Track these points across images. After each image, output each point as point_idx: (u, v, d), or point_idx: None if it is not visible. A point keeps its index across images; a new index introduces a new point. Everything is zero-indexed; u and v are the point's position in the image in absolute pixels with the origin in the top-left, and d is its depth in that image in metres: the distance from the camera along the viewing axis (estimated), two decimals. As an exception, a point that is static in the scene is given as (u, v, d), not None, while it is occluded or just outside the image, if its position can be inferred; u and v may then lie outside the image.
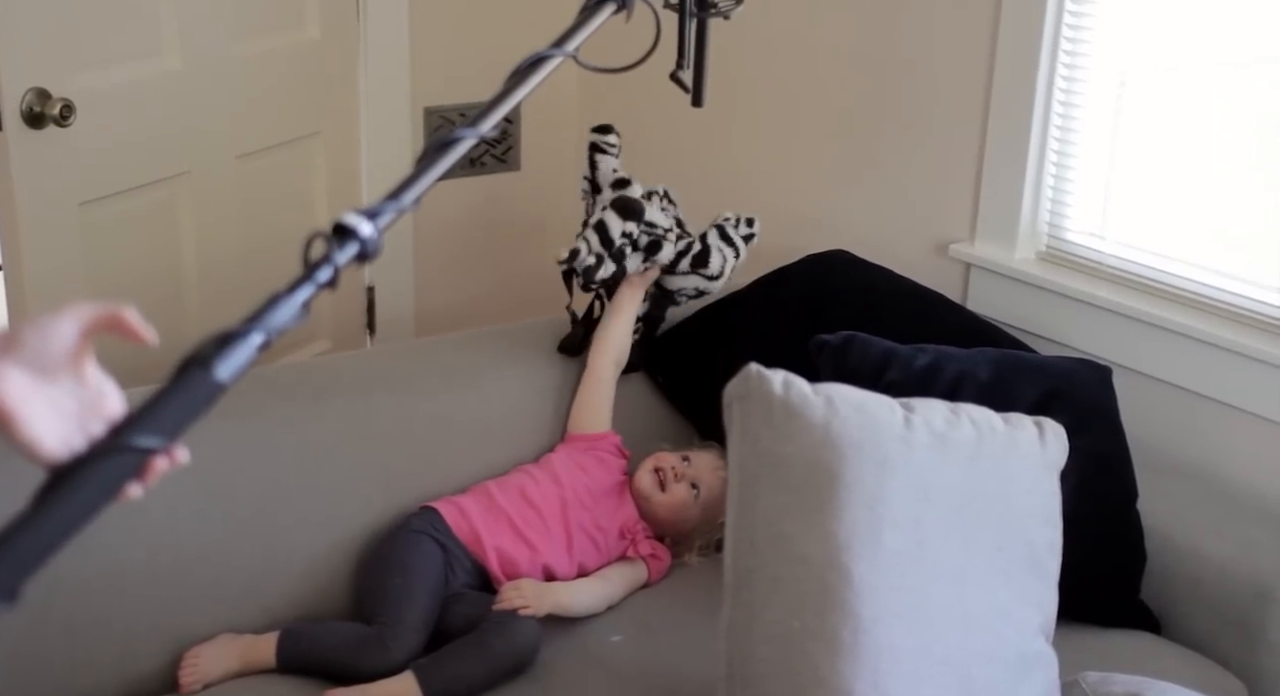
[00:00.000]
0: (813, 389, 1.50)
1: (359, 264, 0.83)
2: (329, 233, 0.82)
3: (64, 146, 2.21)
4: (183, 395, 0.76)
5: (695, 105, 1.35)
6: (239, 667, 1.84)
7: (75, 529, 0.73)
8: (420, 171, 0.90)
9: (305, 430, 2.03)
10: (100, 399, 0.80)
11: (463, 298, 3.08)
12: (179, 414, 0.76)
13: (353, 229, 0.82)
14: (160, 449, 0.76)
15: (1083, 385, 2.08)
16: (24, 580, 0.71)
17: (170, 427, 0.76)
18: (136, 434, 0.75)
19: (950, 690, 1.46)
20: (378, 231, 0.83)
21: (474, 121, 0.95)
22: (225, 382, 0.77)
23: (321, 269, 0.81)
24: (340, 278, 0.82)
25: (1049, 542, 1.61)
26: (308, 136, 2.74)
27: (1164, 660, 1.93)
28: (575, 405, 2.23)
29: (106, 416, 0.79)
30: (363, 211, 0.83)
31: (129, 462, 0.75)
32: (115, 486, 0.75)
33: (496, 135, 3.04)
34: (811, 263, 2.42)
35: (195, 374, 0.76)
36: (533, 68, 1.00)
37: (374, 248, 0.83)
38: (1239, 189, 2.18)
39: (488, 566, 1.99)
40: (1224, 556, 2.00)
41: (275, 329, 0.79)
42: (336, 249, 0.82)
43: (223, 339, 0.77)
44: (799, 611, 1.44)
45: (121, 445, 0.75)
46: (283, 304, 0.80)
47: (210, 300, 2.55)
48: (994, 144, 2.39)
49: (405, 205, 0.87)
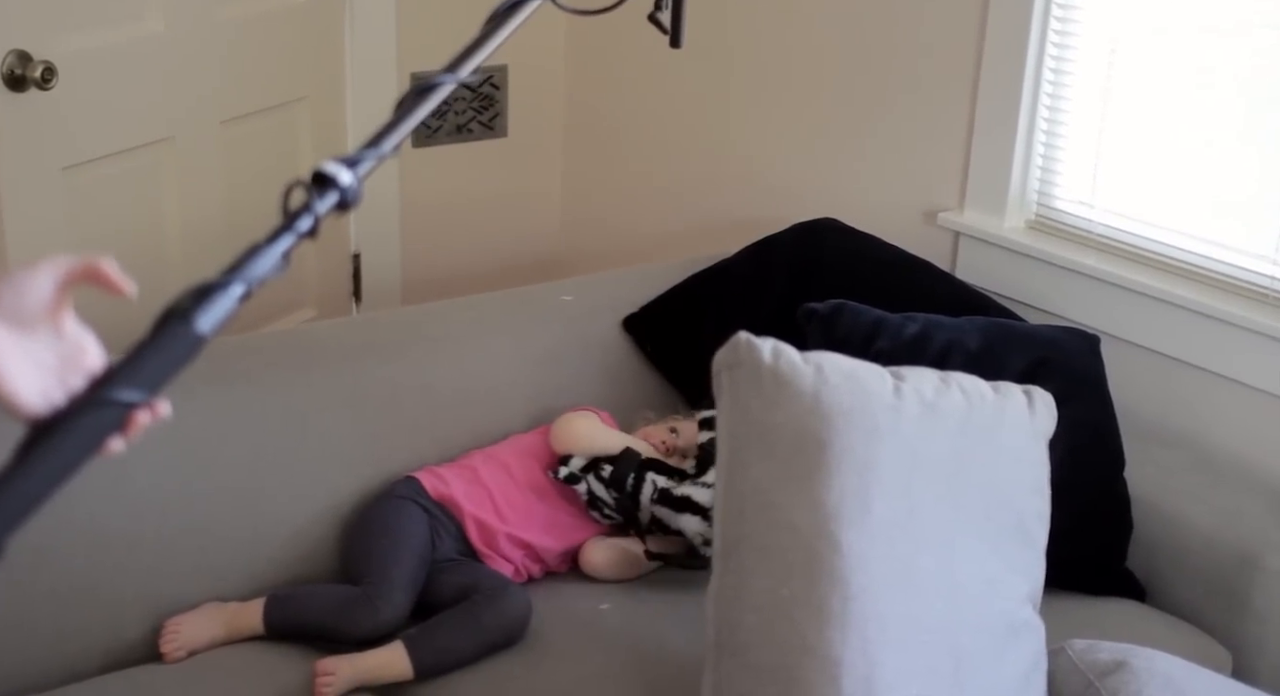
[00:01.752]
0: (802, 357, 1.49)
1: (339, 212, 0.82)
2: (308, 182, 0.81)
3: (46, 110, 2.19)
4: (163, 348, 0.75)
5: (673, 46, 1.34)
6: (225, 635, 1.83)
7: (58, 483, 0.72)
8: (399, 118, 0.89)
9: (291, 397, 2.02)
10: (79, 352, 0.79)
11: (449, 265, 3.06)
12: (160, 367, 0.75)
13: (332, 177, 0.81)
14: (142, 402, 0.75)
15: (1071, 354, 2.08)
16: (7, 535, 0.70)
17: (151, 381, 0.75)
18: (117, 387, 0.74)
19: (938, 658, 1.47)
20: (357, 179, 0.82)
21: (452, 67, 0.94)
22: (206, 334, 0.76)
23: (301, 218, 0.80)
24: (320, 227, 0.81)
25: (1037, 511, 1.61)
26: (293, 102, 2.71)
27: (1150, 628, 1.94)
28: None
29: (86, 370, 0.78)
30: (342, 159, 0.82)
31: (110, 416, 0.74)
32: (97, 440, 0.74)
33: (483, 102, 3.02)
34: (800, 231, 2.41)
35: (175, 326, 0.75)
36: (510, 11, 0.99)
37: (354, 196, 0.82)
38: (1229, 156, 2.18)
39: (468, 535, 1.99)
40: (1210, 525, 2.00)
41: (255, 279, 0.78)
42: (316, 198, 0.81)
43: (202, 290, 0.76)
44: (787, 579, 1.44)
45: (102, 399, 0.74)
46: (263, 254, 0.79)
47: (195, 267, 2.51)
48: (984, 111, 2.38)
49: (385, 152, 0.86)
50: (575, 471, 2.00)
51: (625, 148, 3.05)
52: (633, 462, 1.95)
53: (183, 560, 1.87)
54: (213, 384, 1.93)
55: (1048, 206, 2.37)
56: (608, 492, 1.97)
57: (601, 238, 3.14)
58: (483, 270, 3.07)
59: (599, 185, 3.13)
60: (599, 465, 1.97)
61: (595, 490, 1.98)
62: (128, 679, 1.77)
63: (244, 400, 1.98)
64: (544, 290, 2.45)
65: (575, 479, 1.99)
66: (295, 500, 1.98)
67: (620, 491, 1.95)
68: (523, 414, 2.20)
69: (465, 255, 3.09)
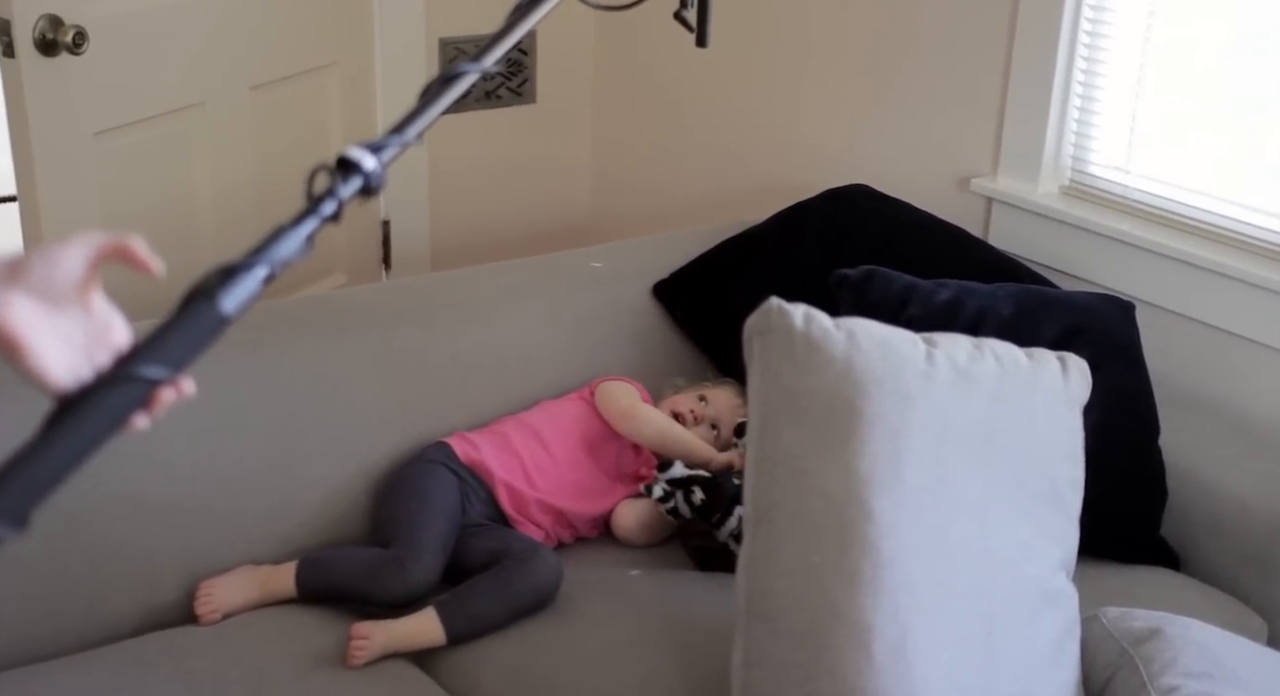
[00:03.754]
0: (834, 323, 1.48)
1: (363, 198, 0.83)
2: (333, 166, 0.82)
3: (77, 75, 2.19)
4: (188, 327, 0.76)
5: (699, 45, 1.34)
6: (259, 597, 1.85)
7: (83, 458, 0.73)
8: (424, 106, 0.90)
9: (322, 362, 2.03)
10: (107, 330, 0.80)
11: (478, 231, 3.06)
12: (185, 345, 0.76)
13: (356, 163, 0.82)
14: (167, 379, 0.75)
15: (1106, 320, 2.06)
16: (32, 507, 0.71)
17: (176, 359, 0.76)
18: (143, 364, 0.75)
19: (970, 624, 1.46)
20: (381, 165, 0.83)
21: (478, 57, 0.95)
22: (230, 315, 0.77)
23: (325, 202, 0.81)
24: (344, 211, 0.81)
25: (1071, 478, 1.60)
26: (322, 68, 2.71)
27: (1184, 596, 1.93)
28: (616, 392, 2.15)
29: (113, 347, 0.79)
30: (366, 145, 0.83)
31: (135, 393, 0.75)
32: (122, 416, 0.75)
33: (511, 68, 3.01)
34: (831, 197, 2.40)
35: (201, 306, 0.76)
36: (536, 2, 1.00)
37: (378, 182, 0.82)
38: (1267, 120, 2.14)
39: (498, 501, 2.00)
40: (1245, 492, 1.99)
41: (280, 262, 0.78)
42: (340, 182, 0.81)
43: (227, 271, 0.77)
44: (819, 546, 1.43)
45: (128, 375, 0.74)
46: (287, 237, 0.80)
47: (224, 232, 2.54)
48: (1018, 75, 2.35)
49: (409, 139, 0.87)
50: (667, 489, 1.98)
51: (655, 114, 3.04)
52: (725, 497, 1.94)
53: (216, 524, 1.89)
54: (245, 349, 1.93)
55: (1082, 172, 2.35)
56: (691, 512, 1.96)
57: (631, 204, 3.13)
58: (512, 237, 3.07)
59: (629, 151, 3.12)
60: (691, 487, 1.96)
61: (681, 509, 1.97)
62: (163, 640, 1.79)
63: (275, 366, 1.99)
64: (574, 257, 2.45)
65: (666, 497, 1.97)
66: (326, 464, 1.99)
67: (707, 521, 1.95)
68: (552, 380, 2.20)
69: (494, 222, 3.09)
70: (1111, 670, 1.55)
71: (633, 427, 2.08)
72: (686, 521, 1.98)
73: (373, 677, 1.73)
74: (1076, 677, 1.55)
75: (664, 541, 2.06)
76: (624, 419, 2.09)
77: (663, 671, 1.72)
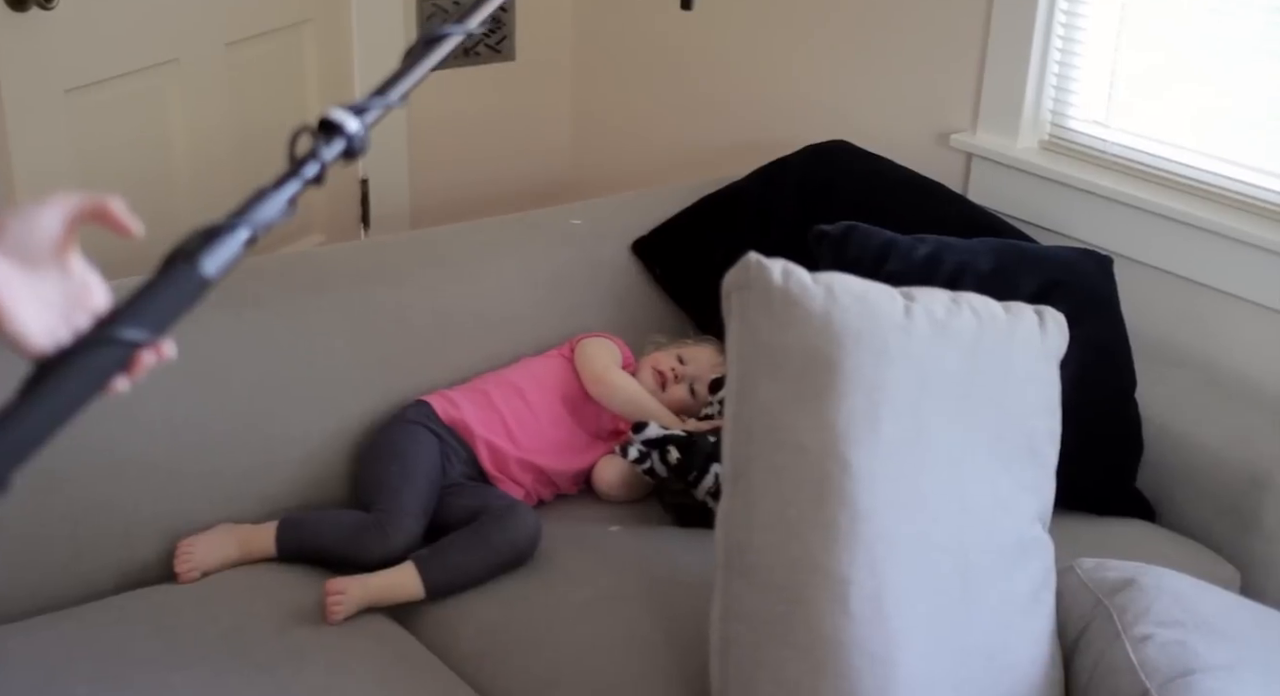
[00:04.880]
0: (812, 278, 1.48)
1: (346, 161, 0.82)
2: (315, 128, 0.81)
3: (48, 30, 2.16)
4: (169, 289, 0.75)
5: (684, 8, 1.34)
6: (238, 556, 1.85)
7: (63, 420, 0.72)
8: (407, 68, 0.89)
9: (302, 320, 2.02)
10: (85, 291, 0.79)
11: (458, 189, 3.05)
12: (165, 308, 0.75)
13: (339, 125, 0.81)
14: (147, 342, 0.75)
15: (1084, 275, 2.07)
16: (12, 470, 0.70)
17: (157, 321, 0.75)
18: (123, 327, 0.74)
19: (947, 576, 1.47)
20: (364, 128, 0.82)
21: (461, 18, 0.94)
22: (211, 277, 0.76)
23: (308, 165, 0.80)
24: (327, 174, 0.81)
25: (1048, 431, 1.61)
26: (299, 24, 2.68)
27: (1159, 547, 1.95)
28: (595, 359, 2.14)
29: (92, 309, 0.78)
30: (349, 106, 0.82)
31: (116, 355, 0.74)
32: (102, 379, 0.74)
33: (490, 25, 2.98)
34: (811, 153, 2.39)
35: (181, 268, 0.75)
36: None
37: (360, 144, 0.82)
38: (1245, 74, 2.14)
39: (479, 459, 2.00)
40: (1220, 444, 2.00)
41: (261, 224, 0.78)
42: (323, 145, 0.81)
43: (208, 233, 0.76)
44: (796, 500, 1.44)
45: (108, 337, 0.74)
46: (269, 199, 0.79)
47: (201, 190, 2.52)
48: (998, 30, 2.34)
49: (392, 101, 0.86)
50: (642, 450, 1.98)
51: (635, 70, 3.02)
52: (700, 455, 1.94)
53: (195, 482, 1.88)
54: (223, 308, 1.91)
55: (1061, 126, 2.34)
56: (667, 472, 1.97)
57: (611, 161, 3.11)
58: (491, 194, 3.05)
59: (608, 108, 3.10)
60: (667, 447, 1.96)
61: (657, 468, 1.97)
62: (142, 598, 1.79)
63: (254, 324, 1.98)
64: (553, 214, 2.44)
65: (642, 458, 1.98)
66: (306, 423, 1.98)
67: (683, 480, 1.95)
68: (532, 337, 2.19)
69: (474, 179, 3.07)
70: (1086, 620, 1.56)
71: (602, 392, 2.09)
72: (663, 480, 1.99)
73: (354, 634, 1.74)
74: (1052, 628, 1.57)
75: (644, 497, 2.07)
76: (595, 383, 2.09)
77: (642, 626, 1.73)
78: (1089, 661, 1.54)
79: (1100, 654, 1.52)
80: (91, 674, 1.63)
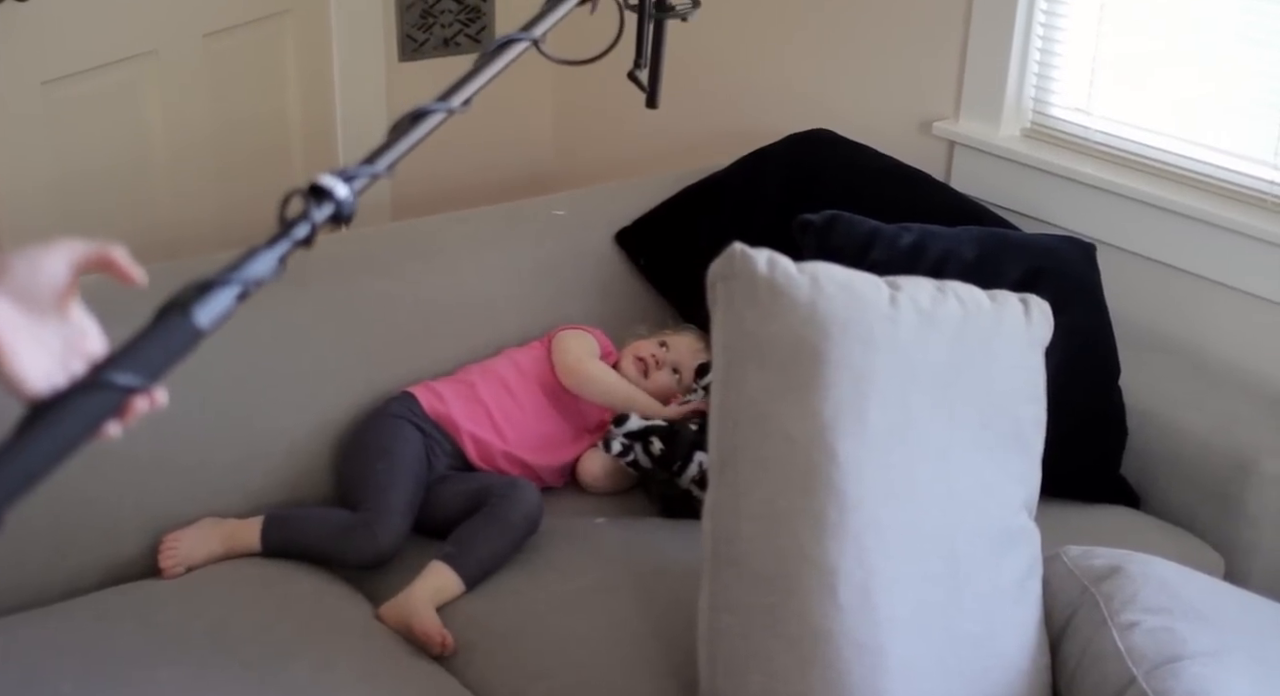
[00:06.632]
0: (798, 268, 1.48)
1: (334, 226, 0.87)
2: (305, 191, 0.85)
3: (24, 21, 2.14)
4: (163, 338, 0.78)
5: (650, 106, 1.41)
6: (222, 551, 1.84)
7: (55, 462, 0.74)
8: (393, 140, 0.96)
9: (285, 313, 2.01)
10: (83, 338, 0.81)
11: (440, 180, 3.03)
12: (159, 356, 0.77)
13: (329, 190, 0.86)
14: (140, 388, 0.77)
15: (1067, 262, 2.07)
16: (4, 510, 0.72)
17: (150, 368, 0.77)
18: (117, 372, 0.76)
19: (934, 565, 1.47)
20: (353, 194, 0.87)
21: (445, 96, 1.03)
22: (204, 328, 0.79)
23: (298, 226, 0.84)
24: (317, 236, 0.85)
25: (1033, 419, 1.61)
26: (277, 15, 2.66)
27: (1144, 534, 1.95)
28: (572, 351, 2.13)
29: (87, 355, 0.80)
30: (339, 173, 0.88)
31: (109, 400, 0.76)
32: (95, 422, 0.76)
33: (470, 15, 2.97)
34: (793, 142, 2.39)
35: (175, 318, 0.78)
36: (501, 50, 1.09)
37: (349, 209, 0.87)
38: (1227, 61, 2.15)
39: (464, 451, 1.99)
40: (1204, 431, 2.01)
41: (252, 280, 0.82)
42: (314, 207, 0.85)
43: (202, 286, 0.80)
44: (784, 491, 1.44)
45: (102, 382, 0.76)
46: (260, 257, 0.83)
47: (179, 181, 2.50)
48: (979, 18, 2.34)
49: (379, 171, 0.92)
50: (624, 443, 1.97)
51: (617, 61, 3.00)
52: (683, 444, 1.94)
53: (179, 477, 1.87)
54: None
55: (1043, 114, 2.34)
56: (650, 463, 1.96)
57: (594, 151, 3.10)
58: (474, 185, 3.04)
59: (591, 98, 3.09)
60: (649, 438, 1.96)
61: (640, 461, 1.97)
62: (126, 594, 1.78)
63: (237, 317, 1.95)
64: (536, 204, 2.43)
65: (625, 451, 1.97)
66: (290, 416, 1.97)
67: (668, 471, 1.95)
68: (516, 328, 2.19)
69: (456, 171, 3.06)
70: (1073, 607, 1.57)
71: (575, 383, 2.08)
72: (647, 471, 1.98)
73: (339, 629, 1.73)
74: (1039, 615, 1.57)
75: (629, 489, 2.06)
76: (567, 374, 2.08)
77: (630, 617, 1.72)
78: (1076, 648, 1.54)
79: (1087, 641, 1.53)
80: (76, 670, 1.62)
